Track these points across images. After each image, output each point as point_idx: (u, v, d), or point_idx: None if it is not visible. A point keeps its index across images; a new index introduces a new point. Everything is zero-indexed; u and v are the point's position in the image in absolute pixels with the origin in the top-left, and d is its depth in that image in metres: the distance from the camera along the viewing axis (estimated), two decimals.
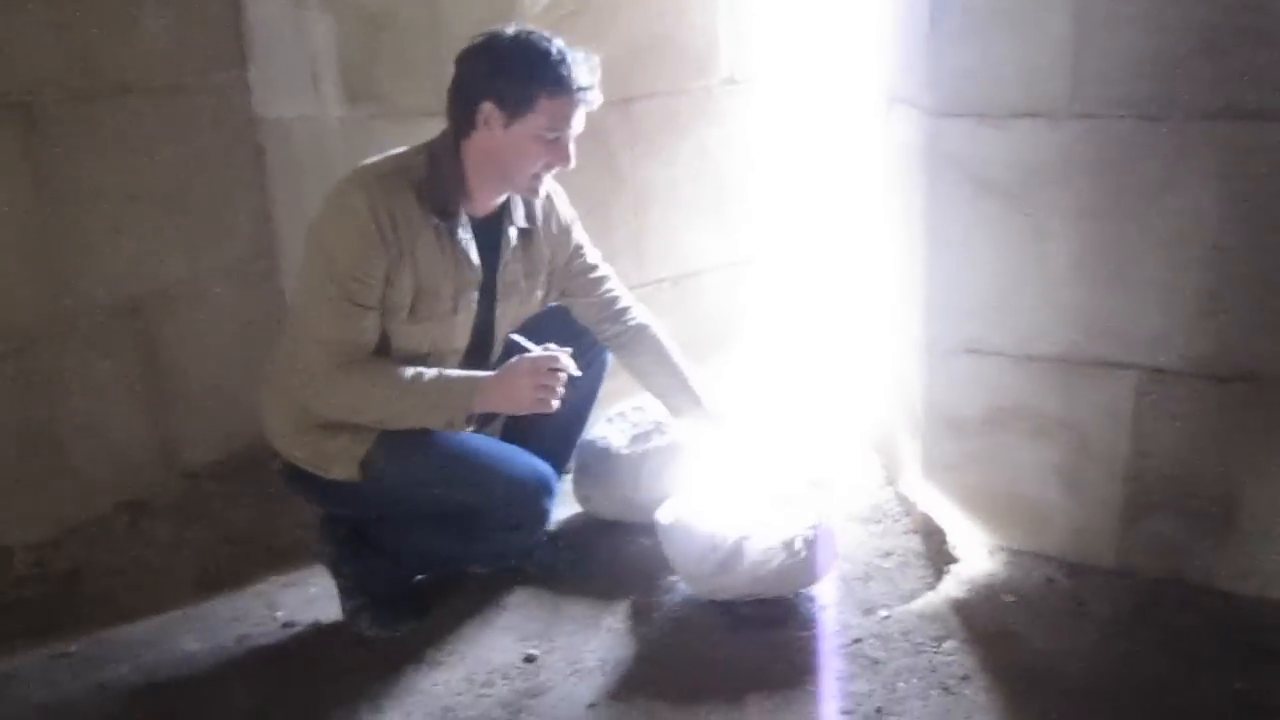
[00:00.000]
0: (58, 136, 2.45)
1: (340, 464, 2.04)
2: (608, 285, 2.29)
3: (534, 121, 1.95)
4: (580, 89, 1.95)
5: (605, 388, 2.57)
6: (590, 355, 2.26)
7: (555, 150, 1.99)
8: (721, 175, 2.82)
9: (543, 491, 2.08)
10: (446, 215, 2.01)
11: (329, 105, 2.76)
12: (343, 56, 2.70)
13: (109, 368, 2.62)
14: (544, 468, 2.09)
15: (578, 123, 2.00)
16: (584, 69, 1.96)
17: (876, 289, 2.63)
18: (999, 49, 2.00)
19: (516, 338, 2.10)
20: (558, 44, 1.96)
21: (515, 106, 1.94)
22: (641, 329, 2.29)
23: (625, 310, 2.29)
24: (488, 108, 1.95)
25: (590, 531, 2.52)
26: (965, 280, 2.17)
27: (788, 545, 2.08)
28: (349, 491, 2.07)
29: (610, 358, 2.34)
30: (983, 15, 1.99)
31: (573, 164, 2.02)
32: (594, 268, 2.28)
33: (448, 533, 2.11)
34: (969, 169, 2.09)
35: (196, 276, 2.77)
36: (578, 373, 2.03)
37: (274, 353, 2.15)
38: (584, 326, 2.28)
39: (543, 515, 2.09)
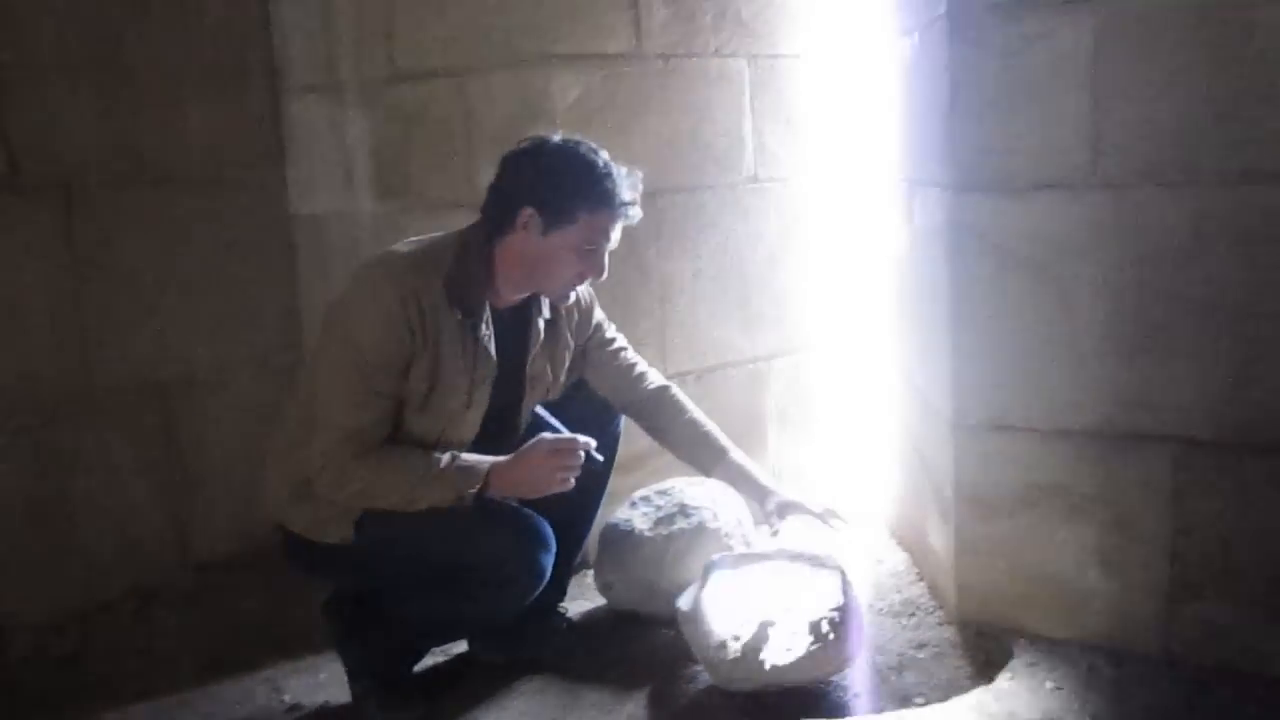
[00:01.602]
0: (95, 219, 2.53)
1: (336, 527, 2.01)
2: (625, 354, 2.30)
3: (573, 234, 1.97)
4: (622, 204, 1.98)
5: (635, 478, 2.55)
6: (606, 428, 2.24)
7: (589, 262, 2.01)
8: (745, 270, 2.85)
9: (538, 544, 1.99)
10: (469, 310, 2.00)
11: (362, 200, 2.84)
12: (377, 153, 2.80)
13: (128, 450, 2.62)
14: (540, 523, 2.02)
15: (615, 237, 2.02)
16: (627, 185, 1.98)
17: (904, 372, 2.61)
18: (1018, 123, 2.04)
19: (543, 413, 2.09)
20: (603, 157, 1.98)
21: (556, 216, 1.96)
22: (662, 391, 2.29)
23: (643, 375, 2.30)
24: (528, 213, 1.96)
25: (612, 622, 2.44)
26: (992, 355, 2.15)
27: (814, 628, 2.00)
28: (344, 556, 2.03)
29: (621, 429, 2.32)
30: (1001, 91, 2.04)
31: (605, 275, 2.04)
32: (612, 340, 2.30)
33: (442, 594, 2.03)
34: (992, 243, 2.11)
35: (221, 364, 2.78)
36: (599, 456, 2.00)
37: (279, 425, 2.13)
38: (603, 399, 2.26)
39: (538, 570, 1.99)
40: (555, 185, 1.95)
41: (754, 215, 2.84)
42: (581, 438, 1.97)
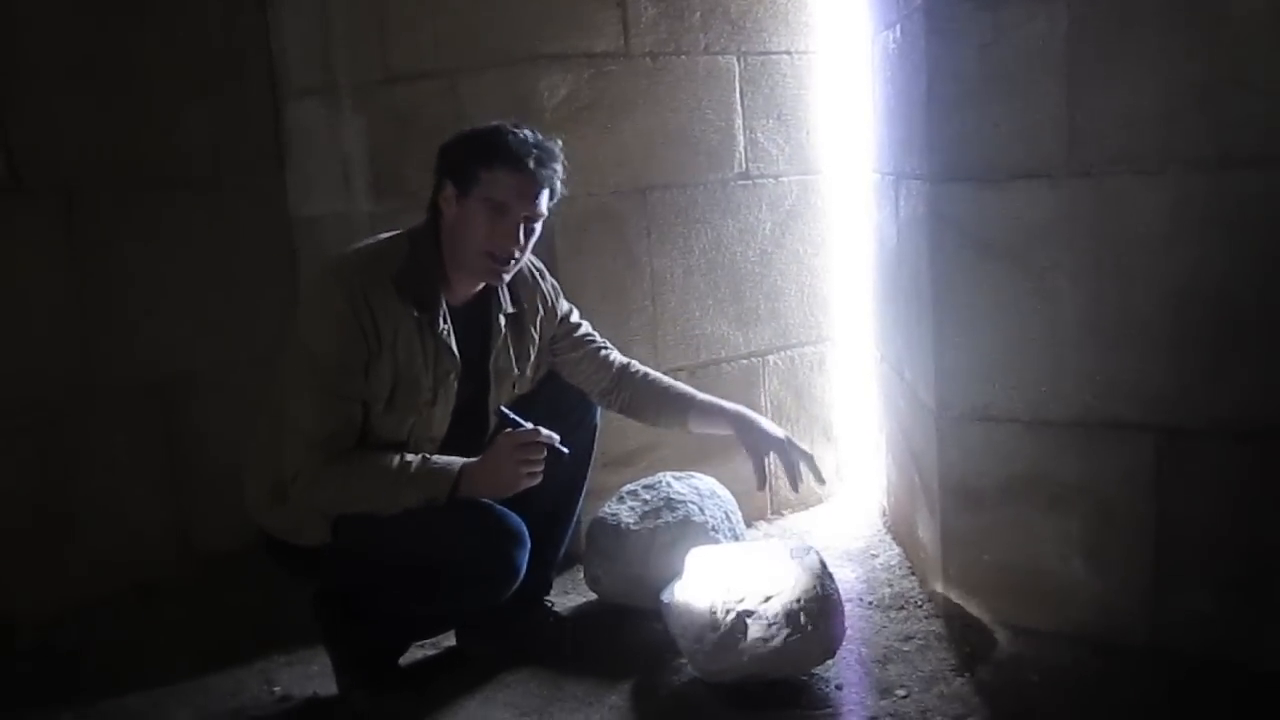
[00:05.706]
0: (96, 221, 2.58)
1: (313, 529, 2.03)
2: (593, 342, 2.33)
3: (478, 192, 1.98)
4: (514, 158, 1.97)
5: (626, 474, 2.56)
6: (583, 421, 2.27)
7: (501, 221, 1.98)
8: (738, 266, 2.85)
9: (510, 541, 2.00)
10: (423, 307, 2.01)
11: (359, 201, 2.89)
12: (373, 154, 2.84)
13: (130, 448, 2.67)
14: (513, 519, 2.02)
15: (518, 196, 1.98)
16: (524, 142, 1.99)
17: (894, 366, 2.61)
18: (994, 113, 2.03)
19: (506, 411, 2.09)
20: (508, 126, 2.02)
21: (463, 181, 1.99)
22: (623, 369, 2.32)
23: (608, 358, 2.32)
24: (447, 187, 2.02)
25: (600, 615, 2.45)
26: (973, 345, 2.14)
27: (792, 619, 2.00)
28: (323, 557, 2.06)
29: (598, 421, 2.33)
30: (977, 81, 2.04)
31: (519, 243, 2.01)
32: (578, 326, 2.32)
33: (419, 591, 2.04)
34: (971, 233, 2.10)
35: (222, 363, 2.83)
36: (564, 449, 2.01)
37: (257, 429, 2.15)
38: (579, 392, 2.29)
39: (512, 566, 2.00)
40: (458, 152, 2.02)
41: (746, 211, 2.85)
42: (544, 431, 1.98)
